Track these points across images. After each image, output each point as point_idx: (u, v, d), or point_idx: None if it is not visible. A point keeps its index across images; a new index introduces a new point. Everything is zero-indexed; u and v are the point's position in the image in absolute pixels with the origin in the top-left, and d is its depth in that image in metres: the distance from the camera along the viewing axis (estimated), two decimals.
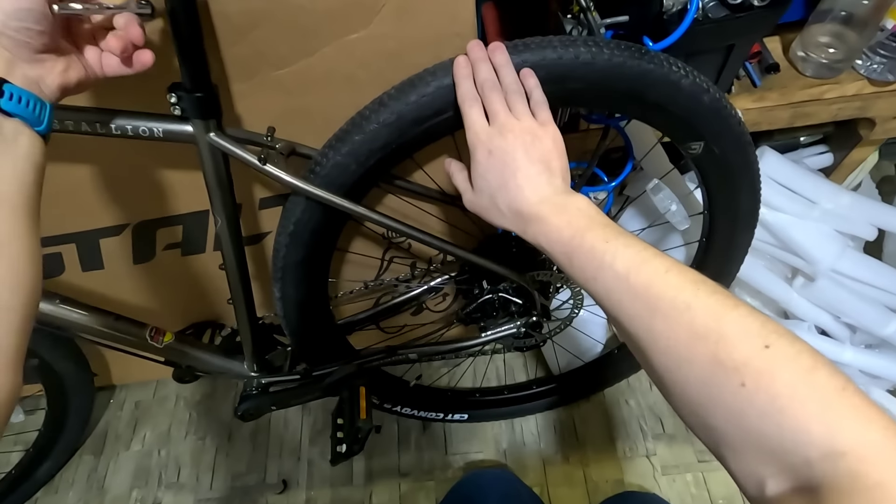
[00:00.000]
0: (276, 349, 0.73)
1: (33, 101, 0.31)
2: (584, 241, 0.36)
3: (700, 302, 0.30)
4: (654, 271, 0.33)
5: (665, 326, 0.31)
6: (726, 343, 0.28)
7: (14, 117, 0.31)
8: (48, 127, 0.33)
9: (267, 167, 0.48)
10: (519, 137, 0.41)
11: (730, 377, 0.27)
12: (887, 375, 0.83)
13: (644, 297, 0.32)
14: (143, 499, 0.94)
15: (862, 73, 0.70)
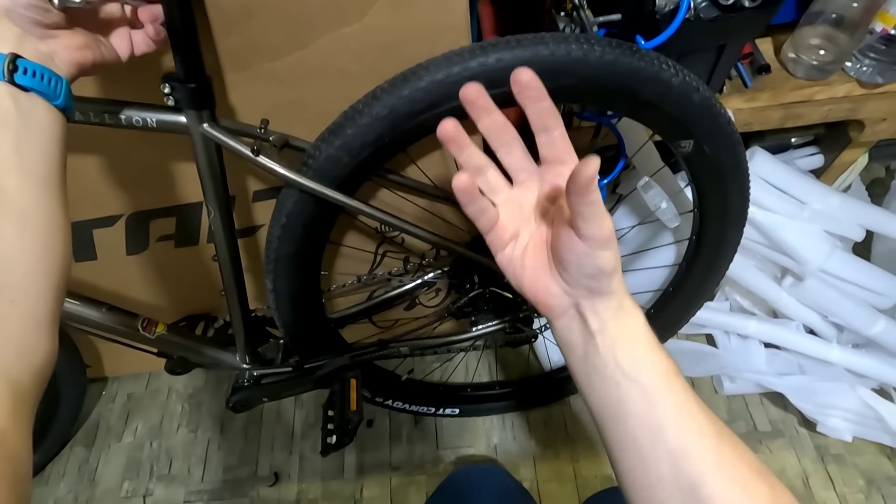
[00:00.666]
0: (268, 341, 0.74)
1: (48, 74, 0.31)
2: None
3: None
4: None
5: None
6: (775, 487, 0.30)
7: (30, 91, 0.31)
8: (66, 101, 0.33)
9: (260, 159, 0.48)
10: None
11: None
12: (873, 375, 0.84)
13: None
14: (134, 491, 0.95)
15: (852, 76, 0.71)
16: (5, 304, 0.27)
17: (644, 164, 0.73)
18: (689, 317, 0.81)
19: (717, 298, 0.97)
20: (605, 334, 0.33)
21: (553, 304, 0.35)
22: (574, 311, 0.34)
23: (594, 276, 0.32)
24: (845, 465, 0.86)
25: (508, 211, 0.36)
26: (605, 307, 0.33)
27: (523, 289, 0.36)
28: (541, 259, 0.35)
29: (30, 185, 0.30)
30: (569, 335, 0.35)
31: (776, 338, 0.88)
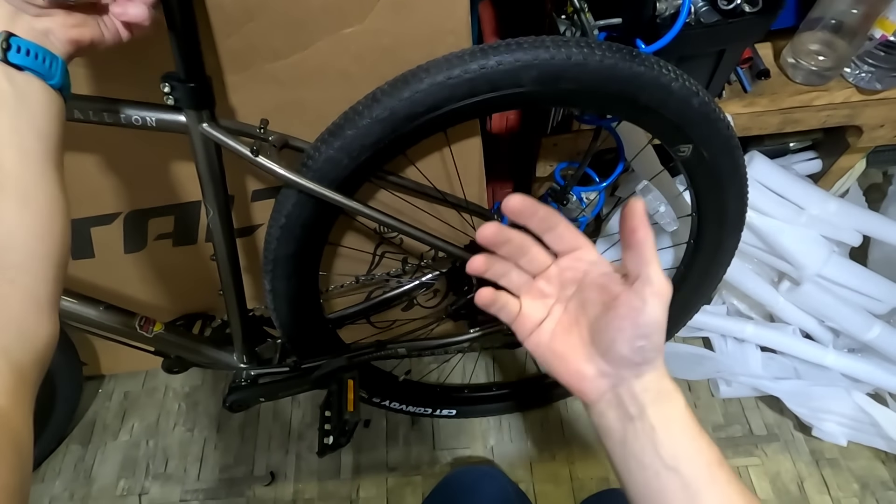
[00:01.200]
0: (265, 341, 0.74)
1: (42, 53, 0.31)
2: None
3: None
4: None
5: None
6: None
7: (25, 71, 0.30)
8: (61, 81, 0.32)
9: (259, 159, 0.48)
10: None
11: None
12: (868, 379, 0.84)
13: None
14: (130, 489, 0.94)
15: (850, 82, 0.71)
16: (5, 285, 0.27)
17: (643, 167, 0.73)
18: (687, 320, 0.81)
19: (715, 302, 0.97)
20: (644, 420, 0.32)
21: (587, 388, 0.34)
22: (611, 396, 0.33)
23: (637, 349, 0.31)
24: (840, 469, 0.87)
25: (531, 302, 0.36)
26: (644, 390, 0.32)
27: (556, 374, 0.35)
28: (570, 344, 0.34)
29: (28, 165, 0.30)
30: (606, 421, 0.34)
31: (772, 342, 0.88)
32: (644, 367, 0.32)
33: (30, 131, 0.30)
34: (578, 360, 0.34)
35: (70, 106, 0.44)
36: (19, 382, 0.26)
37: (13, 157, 0.29)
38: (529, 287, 0.36)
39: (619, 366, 0.32)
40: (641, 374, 0.32)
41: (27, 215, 0.29)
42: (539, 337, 0.35)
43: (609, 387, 0.33)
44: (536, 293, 0.36)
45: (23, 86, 0.30)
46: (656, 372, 0.32)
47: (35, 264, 0.29)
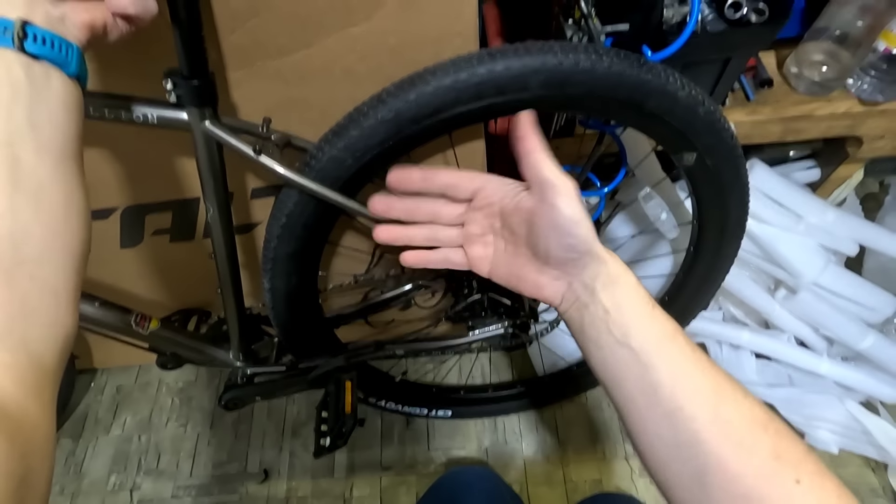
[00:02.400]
0: (262, 340, 0.73)
1: (58, 41, 0.30)
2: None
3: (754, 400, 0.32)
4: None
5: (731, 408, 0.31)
6: (782, 438, 0.30)
7: (41, 60, 0.29)
8: (78, 69, 0.31)
9: (261, 158, 0.48)
10: None
11: (788, 472, 0.29)
12: (861, 388, 0.85)
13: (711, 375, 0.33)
14: (121, 484, 0.94)
15: (852, 93, 0.71)
16: (25, 280, 0.27)
17: (645, 174, 0.73)
18: (684, 326, 0.81)
19: (711, 308, 0.97)
20: (596, 304, 0.35)
21: (549, 294, 0.38)
22: (569, 293, 0.37)
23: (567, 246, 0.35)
24: None
25: (472, 246, 0.42)
26: (593, 277, 0.36)
27: (522, 292, 0.40)
28: (521, 264, 0.39)
29: (44, 158, 0.29)
30: (568, 315, 0.38)
31: (768, 349, 0.89)
32: (584, 258, 0.36)
33: (46, 123, 0.29)
34: (533, 274, 0.39)
35: None
36: (41, 376, 0.26)
37: (29, 150, 0.28)
38: (464, 237, 0.42)
39: (562, 266, 0.37)
40: (585, 265, 0.36)
41: (43, 209, 0.28)
42: (497, 270, 0.41)
43: (565, 286, 0.37)
44: (472, 239, 0.42)
45: (39, 76, 0.29)
46: (599, 259, 0.36)
47: (53, 258, 0.28)
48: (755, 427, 0.30)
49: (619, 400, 0.35)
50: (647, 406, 0.33)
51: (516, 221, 0.38)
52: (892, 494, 0.85)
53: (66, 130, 0.30)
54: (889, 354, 0.83)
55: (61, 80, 0.30)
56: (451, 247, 0.43)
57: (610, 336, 0.34)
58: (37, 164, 0.28)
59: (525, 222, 0.37)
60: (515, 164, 0.89)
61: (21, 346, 0.26)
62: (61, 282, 0.29)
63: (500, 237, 0.40)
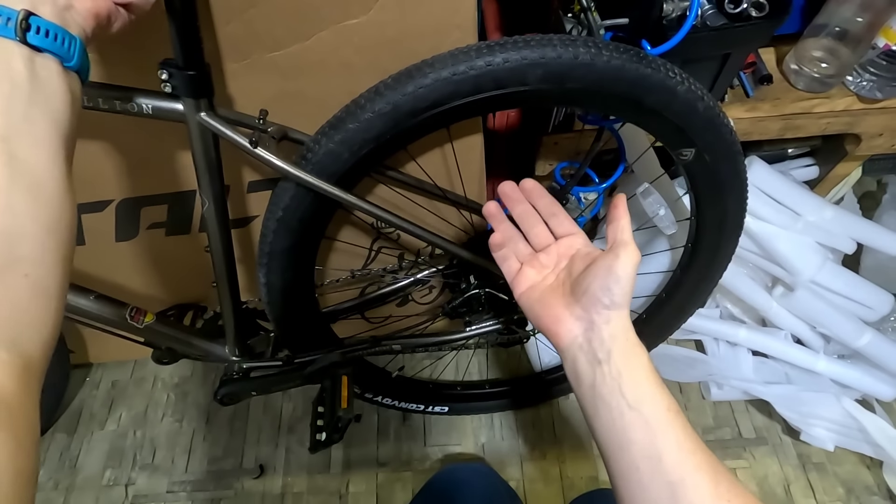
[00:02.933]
0: (258, 334, 0.73)
1: (61, 34, 0.30)
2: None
3: None
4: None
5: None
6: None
7: (43, 52, 0.29)
8: (80, 62, 0.31)
9: (258, 151, 0.47)
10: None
11: None
12: (857, 386, 0.85)
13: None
14: (116, 479, 0.93)
15: (852, 90, 0.71)
16: (18, 278, 0.27)
17: (644, 170, 0.73)
18: (681, 323, 0.81)
19: (709, 305, 0.97)
20: (611, 364, 0.37)
21: (562, 330, 0.40)
22: (582, 340, 0.39)
23: (606, 289, 0.38)
24: (826, 473, 0.88)
25: (530, 269, 0.45)
26: (612, 337, 0.37)
27: (537, 320, 0.43)
28: (554, 297, 0.42)
29: (40, 154, 0.29)
30: (577, 366, 0.38)
31: (764, 346, 0.89)
32: (612, 311, 0.38)
33: (43, 118, 0.29)
34: (558, 307, 0.41)
35: None
36: (28, 373, 0.26)
37: (25, 145, 0.28)
38: (532, 258, 0.46)
39: (591, 308, 0.38)
40: (609, 319, 0.38)
41: (39, 206, 0.28)
42: (530, 293, 0.44)
43: (581, 330, 0.39)
44: (536, 264, 0.45)
45: (40, 69, 0.29)
46: (623, 322, 0.38)
47: (45, 257, 0.28)
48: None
49: (621, 465, 0.35)
50: (650, 473, 0.33)
51: (578, 265, 0.42)
52: (887, 492, 0.85)
53: (62, 126, 0.30)
54: (886, 352, 0.83)
55: (62, 74, 0.30)
56: (518, 258, 0.47)
57: (622, 399, 0.35)
58: (33, 159, 0.28)
59: (584, 264, 0.41)
60: (512, 160, 0.88)
61: (13, 343, 0.26)
62: (52, 281, 0.28)
63: (555, 274, 0.44)
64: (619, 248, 0.39)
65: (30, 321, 0.27)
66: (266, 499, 0.91)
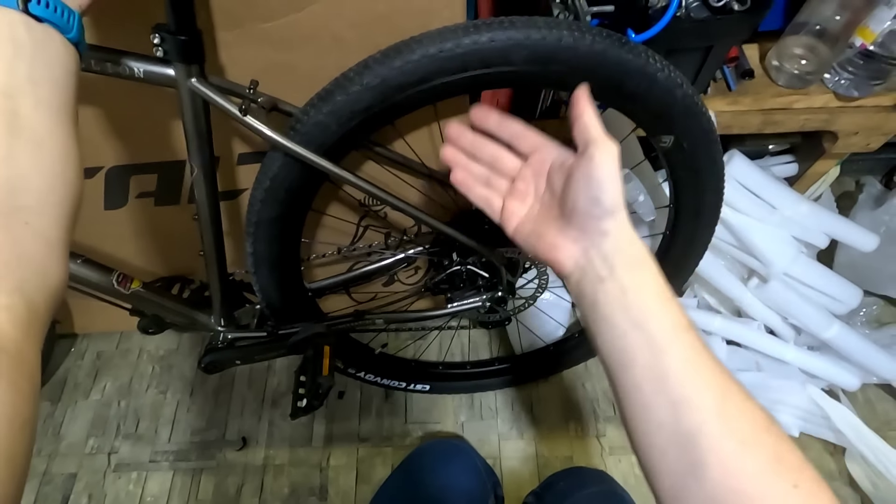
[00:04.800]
0: (244, 306, 0.74)
1: (60, 6, 0.31)
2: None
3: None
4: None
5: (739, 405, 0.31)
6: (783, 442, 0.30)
7: (44, 22, 0.30)
8: (78, 35, 0.32)
9: (247, 119, 0.48)
10: None
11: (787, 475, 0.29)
12: (824, 376, 0.89)
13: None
14: (99, 447, 0.95)
15: (830, 87, 0.73)
16: (20, 226, 0.27)
17: (625, 156, 0.75)
18: None
19: (686, 295, 1.00)
20: (614, 281, 0.34)
21: (562, 256, 0.37)
22: (584, 261, 0.36)
23: (594, 199, 0.35)
24: None
25: (512, 201, 0.42)
26: (615, 251, 0.35)
27: (536, 253, 0.40)
28: (545, 224, 0.39)
29: (44, 114, 0.30)
30: (580, 287, 0.36)
31: (738, 335, 0.91)
32: (606, 221, 0.35)
33: (46, 81, 0.30)
34: (553, 234, 0.38)
35: None
36: (33, 318, 0.26)
37: (28, 104, 0.29)
38: (510, 190, 0.42)
39: (585, 225, 0.36)
40: (607, 231, 0.35)
41: (40, 160, 0.29)
42: (521, 229, 0.41)
43: (581, 251, 0.36)
44: (517, 193, 0.42)
45: (41, 37, 0.30)
46: (622, 232, 0.35)
47: (48, 209, 0.29)
48: (758, 428, 0.30)
49: (624, 383, 0.33)
50: (654, 392, 0.32)
51: (557, 178, 0.39)
52: (848, 478, 0.89)
53: (64, 89, 0.31)
54: (852, 344, 0.86)
55: (62, 43, 0.31)
56: (496, 194, 0.43)
57: (625, 316, 0.33)
58: (36, 117, 0.29)
59: (563, 177, 0.38)
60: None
61: (17, 290, 0.26)
62: (55, 233, 0.29)
63: (538, 200, 0.41)
64: (592, 148, 0.35)
65: (34, 270, 0.28)
66: (248, 470, 0.92)
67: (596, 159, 0.35)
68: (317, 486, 0.91)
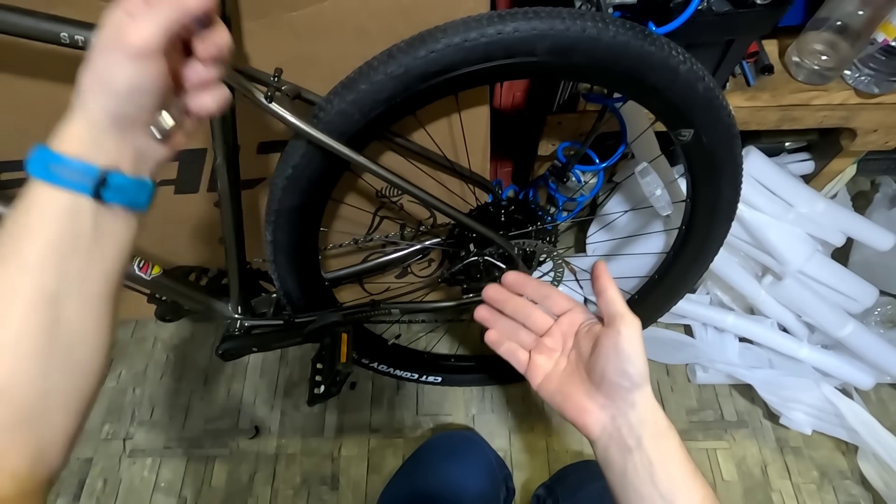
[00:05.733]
0: (260, 295, 0.75)
1: (136, 186, 0.30)
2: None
3: None
4: None
5: None
6: None
7: (113, 205, 0.29)
8: (147, 203, 0.31)
9: (272, 106, 0.49)
10: None
11: None
12: (837, 374, 0.88)
13: None
14: (114, 433, 0.96)
15: (849, 84, 0.73)
16: (43, 426, 0.28)
17: (642, 151, 0.75)
18: (671, 305, 0.84)
19: (699, 292, 1.00)
20: (642, 452, 0.36)
21: (590, 421, 0.38)
22: (611, 428, 0.37)
23: (623, 372, 0.36)
24: (802, 457, 0.91)
25: (539, 356, 0.43)
26: (641, 422, 0.36)
27: (564, 413, 0.41)
28: (573, 385, 0.40)
29: (86, 312, 0.29)
30: (608, 455, 0.37)
31: (751, 333, 0.91)
32: (634, 393, 0.37)
33: (97, 276, 0.29)
34: (581, 397, 0.39)
35: (87, 36, 0.44)
36: (35, 489, 0.28)
37: (73, 305, 0.28)
38: (538, 344, 0.44)
39: (613, 394, 0.37)
40: (634, 402, 0.37)
41: (71, 363, 0.29)
42: (548, 384, 0.42)
43: (609, 419, 0.38)
44: (544, 349, 0.43)
45: (105, 223, 0.29)
46: (648, 403, 0.37)
47: (73, 404, 0.29)
48: None
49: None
50: None
51: (585, 341, 0.40)
52: (859, 477, 0.89)
53: (114, 275, 0.30)
54: (866, 343, 0.85)
55: (126, 222, 0.30)
56: (523, 347, 0.45)
57: (654, 489, 0.35)
58: (77, 319, 0.29)
59: (591, 342, 0.39)
60: (516, 137, 0.90)
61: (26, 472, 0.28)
62: (73, 424, 0.30)
63: (565, 356, 0.42)
64: (619, 323, 0.37)
65: (47, 459, 0.29)
66: (260, 458, 0.93)
67: (623, 333, 0.36)
68: (328, 475, 0.92)
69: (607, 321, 0.38)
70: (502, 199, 0.72)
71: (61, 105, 0.47)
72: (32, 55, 0.55)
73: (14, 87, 0.57)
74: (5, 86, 0.57)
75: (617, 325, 0.37)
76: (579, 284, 1.02)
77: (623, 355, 0.36)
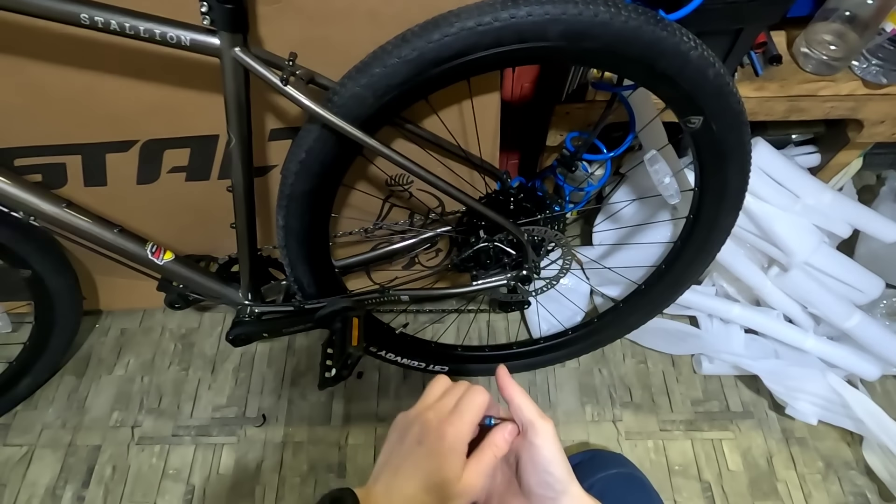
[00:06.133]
0: (269, 282, 0.76)
1: None
2: None
3: None
4: None
5: None
6: None
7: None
8: None
9: (288, 88, 0.49)
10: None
11: None
12: (843, 365, 0.89)
13: None
14: (123, 421, 0.97)
15: (857, 74, 0.73)
16: None
17: (650, 140, 0.76)
18: (677, 296, 0.84)
19: (705, 284, 1.00)
20: None
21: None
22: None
23: (544, 483, 0.36)
24: (807, 447, 0.91)
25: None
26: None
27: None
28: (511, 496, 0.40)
29: None
30: None
31: (757, 324, 0.92)
32: (560, 498, 0.37)
33: None
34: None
35: (107, 17, 0.45)
36: None
37: None
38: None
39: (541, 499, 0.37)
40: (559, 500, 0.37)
41: None
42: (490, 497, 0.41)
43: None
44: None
45: None
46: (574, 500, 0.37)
47: None
48: None
49: None
50: None
51: (512, 456, 0.40)
52: (864, 468, 0.89)
53: None
54: (873, 334, 0.86)
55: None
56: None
57: None
58: None
59: (515, 457, 0.39)
60: (524, 128, 0.90)
61: None
62: None
63: (505, 466, 0.42)
64: (531, 434, 0.37)
65: None
66: (267, 446, 0.94)
67: (536, 444, 0.36)
68: (335, 463, 0.92)
69: (521, 431, 0.38)
70: (511, 187, 0.72)
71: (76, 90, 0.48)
72: (47, 39, 0.55)
73: (28, 72, 0.58)
74: (19, 70, 0.58)
75: (530, 437, 0.37)
76: (586, 275, 1.02)
77: (540, 467, 0.36)
